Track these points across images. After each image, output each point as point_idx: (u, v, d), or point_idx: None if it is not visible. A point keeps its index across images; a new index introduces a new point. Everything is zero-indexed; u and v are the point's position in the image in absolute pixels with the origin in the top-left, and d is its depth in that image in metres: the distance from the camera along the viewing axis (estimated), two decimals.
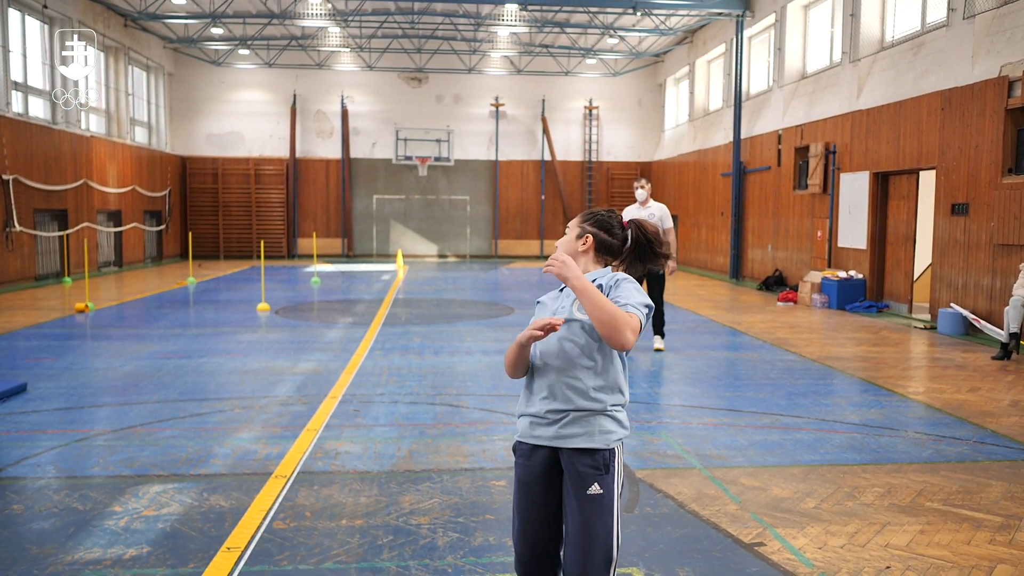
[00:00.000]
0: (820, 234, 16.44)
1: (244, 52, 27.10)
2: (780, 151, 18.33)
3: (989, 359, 9.42)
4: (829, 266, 15.86)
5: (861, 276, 14.61)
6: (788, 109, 18.27)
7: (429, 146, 28.27)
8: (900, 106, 13.47)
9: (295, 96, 28.13)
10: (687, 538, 4.14)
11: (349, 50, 27.29)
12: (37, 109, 18.83)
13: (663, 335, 9.85)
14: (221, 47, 26.52)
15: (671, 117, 28.20)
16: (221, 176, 28.00)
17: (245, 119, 28.15)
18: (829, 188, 15.94)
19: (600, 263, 2.80)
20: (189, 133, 27.94)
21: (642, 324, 2.53)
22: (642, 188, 9.77)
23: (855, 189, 14.92)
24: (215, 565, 3.78)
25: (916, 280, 13.86)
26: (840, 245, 15.57)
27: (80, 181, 19.86)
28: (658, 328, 9.77)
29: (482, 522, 4.34)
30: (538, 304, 2.85)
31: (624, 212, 9.36)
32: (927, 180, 13.34)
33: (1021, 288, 9.40)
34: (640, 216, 2.95)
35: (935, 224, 12.60)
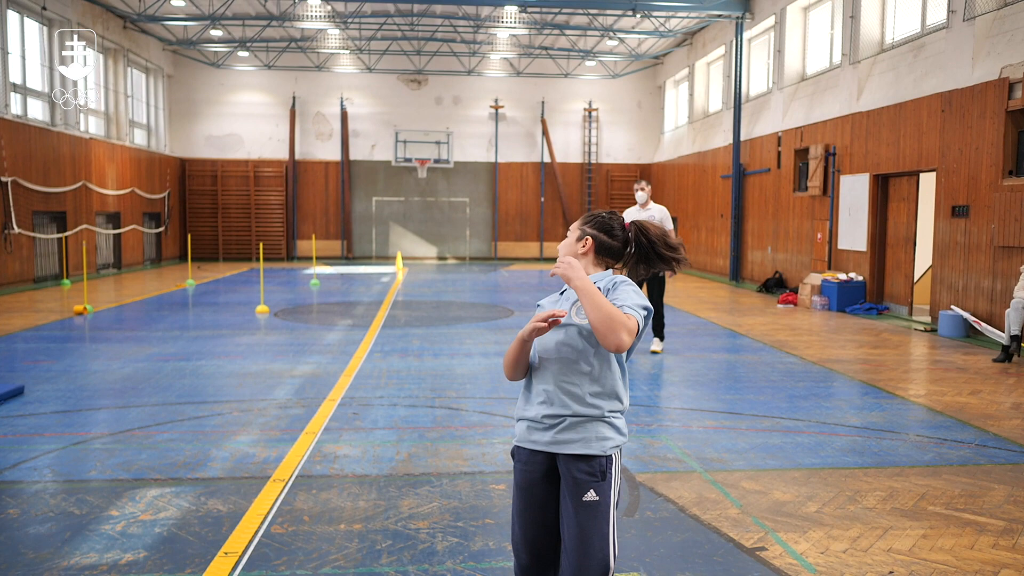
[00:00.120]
0: (820, 236, 16.42)
1: (243, 54, 27.08)
2: (780, 153, 18.31)
3: (990, 362, 9.40)
4: (829, 268, 15.83)
5: (861, 278, 14.58)
6: (788, 111, 18.25)
7: (428, 148, 28.25)
8: (900, 108, 13.46)
9: (294, 98, 28.11)
10: (688, 543, 4.11)
11: (348, 52, 27.28)
12: (36, 111, 18.81)
13: (663, 337, 9.83)
14: (220, 49, 26.50)
15: (671, 119, 28.19)
16: (220, 178, 27.97)
17: (244, 121, 28.13)
18: (829, 190, 15.92)
19: (601, 265, 2.77)
20: (188, 135, 27.92)
21: (640, 326, 2.49)
22: (642, 190, 9.74)
23: (855, 191, 14.90)
24: (212, 570, 3.75)
25: (916, 282, 13.83)
26: (840, 247, 15.55)
27: (79, 183, 19.84)
28: (658, 331, 9.75)
29: (482, 526, 4.31)
30: (538, 307, 2.82)
31: (624, 214, 9.33)
32: (927, 182, 13.32)
33: (1022, 290, 9.38)
34: (640, 218, 2.90)
35: (935, 226, 12.58)
